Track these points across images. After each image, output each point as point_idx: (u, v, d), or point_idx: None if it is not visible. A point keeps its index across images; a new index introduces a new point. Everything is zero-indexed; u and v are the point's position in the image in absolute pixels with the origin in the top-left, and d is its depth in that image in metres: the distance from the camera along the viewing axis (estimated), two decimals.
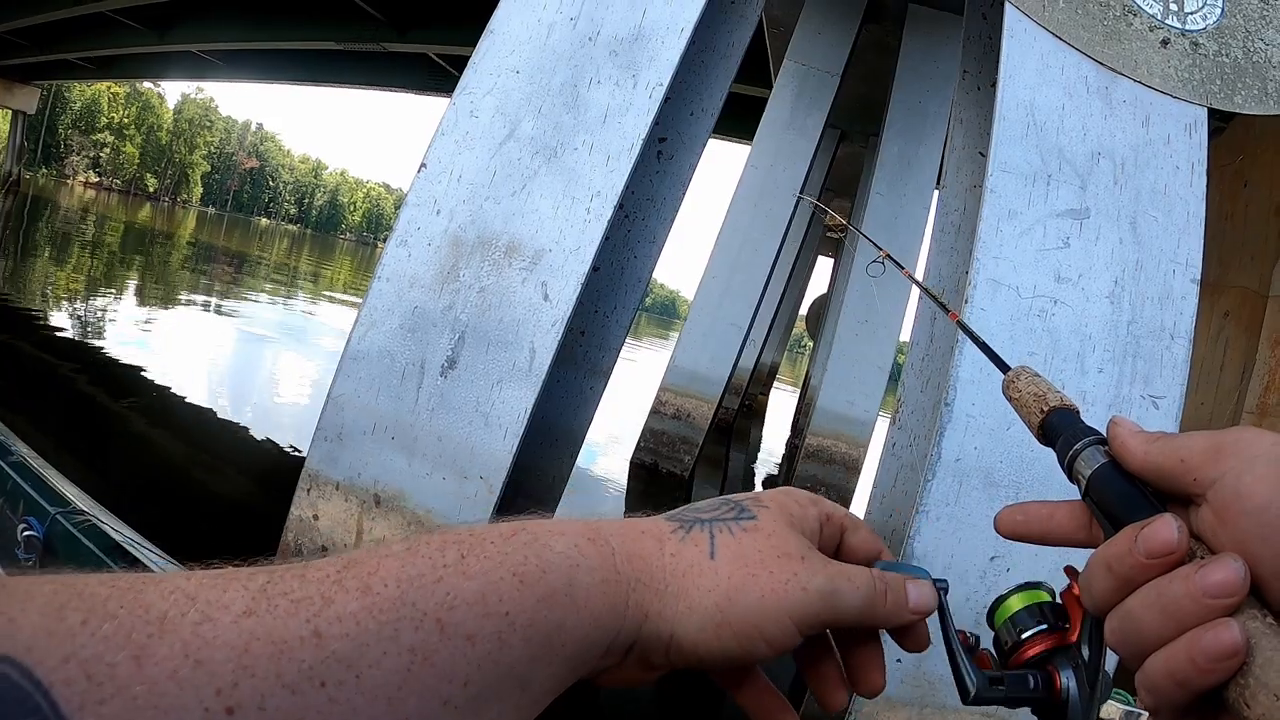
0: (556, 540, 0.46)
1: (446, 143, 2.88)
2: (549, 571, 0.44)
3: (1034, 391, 0.56)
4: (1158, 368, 2.56)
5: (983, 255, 2.59)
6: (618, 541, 0.49)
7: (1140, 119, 2.71)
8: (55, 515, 2.59)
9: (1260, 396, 6.29)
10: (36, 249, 18.46)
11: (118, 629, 0.31)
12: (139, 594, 0.33)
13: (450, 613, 0.39)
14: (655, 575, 0.48)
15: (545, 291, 2.71)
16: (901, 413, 3.46)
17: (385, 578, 0.39)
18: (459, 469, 2.68)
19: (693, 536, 0.50)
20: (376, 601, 0.38)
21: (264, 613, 0.35)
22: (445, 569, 0.41)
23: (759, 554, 0.48)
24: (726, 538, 0.49)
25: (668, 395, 9.40)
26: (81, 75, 38.08)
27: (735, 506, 0.52)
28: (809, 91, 9.21)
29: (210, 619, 0.33)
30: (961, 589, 2.43)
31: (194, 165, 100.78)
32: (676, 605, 0.47)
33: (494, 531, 0.45)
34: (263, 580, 0.37)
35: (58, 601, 0.31)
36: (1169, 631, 0.40)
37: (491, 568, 0.42)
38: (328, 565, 0.39)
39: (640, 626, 0.46)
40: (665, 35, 2.85)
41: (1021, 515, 0.53)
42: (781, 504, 0.53)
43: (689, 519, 0.51)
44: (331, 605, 0.37)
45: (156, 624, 0.32)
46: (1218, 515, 0.42)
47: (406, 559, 0.41)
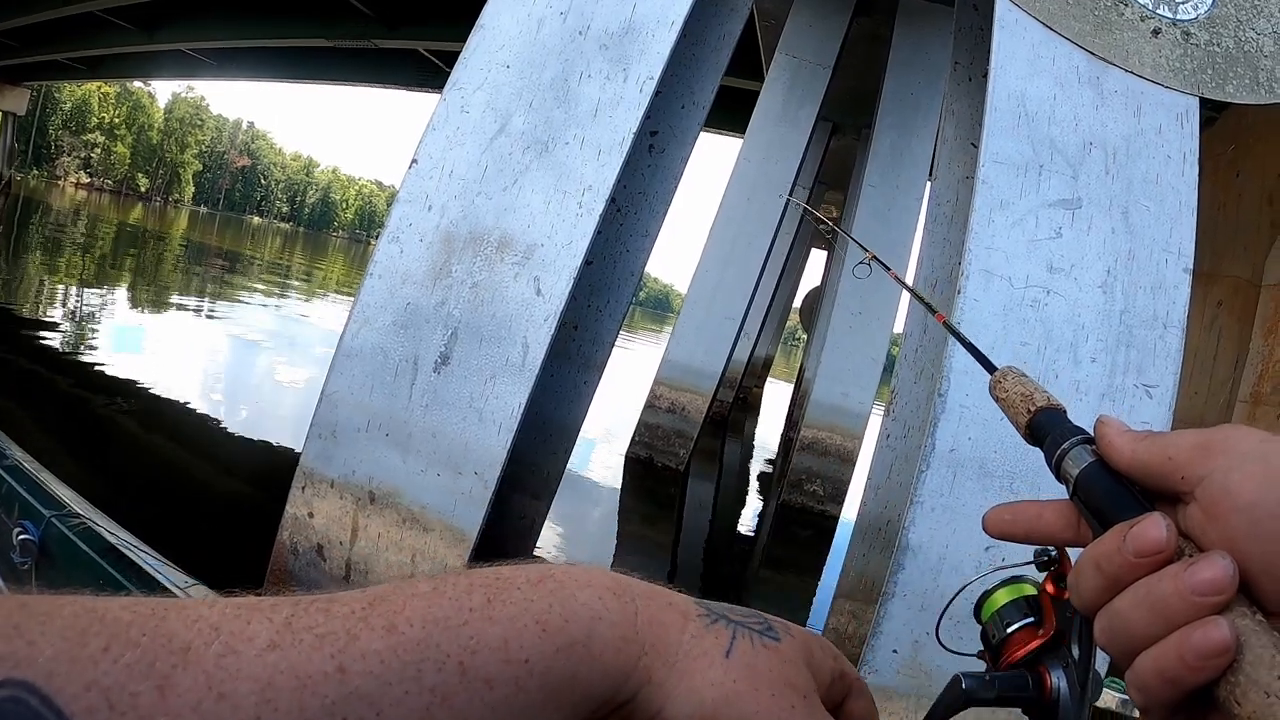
0: (582, 591, 0.47)
1: (438, 138, 2.87)
2: (571, 621, 0.44)
3: (1020, 391, 0.56)
4: (1151, 357, 2.56)
5: (975, 246, 2.59)
6: (643, 603, 0.49)
7: (1132, 109, 2.71)
8: (50, 518, 2.58)
9: (1254, 385, 6.31)
10: (28, 251, 18.39)
11: (140, 657, 0.31)
12: (162, 621, 0.33)
13: (473, 657, 0.40)
14: (670, 648, 0.48)
15: (538, 286, 2.71)
16: (895, 404, 3.46)
17: (411, 618, 0.40)
18: (453, 465, 2.68)
19: (716, 629, 0.50)
20: (401, 641, 0.38)
21: (289, 646, 0.35)
22: (471, 613, 0.41)
23: (770, 673, 0.48)
24: (746, 645, 0.49)
25: (662, 389, 9.40)
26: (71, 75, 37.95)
27: (764, 622, 0.52)
28: (801, 84, 9.21)
29: (234, 651, 0.34)
30: (956, 580, 2.43)
31: (185, 164, 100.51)
32: (679, 684, 0.47)
33: (520, 576, 0.46)
34: (287, 613, 0.37)
35: (79, 625, 0.31)
36: (1158, 630, 0.40)
37: (516, 614, 0.43)
38: (353, 601, 0.39)
39: (639, 690, 0.47)
40: (655, 29, 2.84)
41: (1010, 515, 0.53)
42: (806, 641, 0.52)
43: (718, 613, 0.52)
44: (356, 642, 0.37)
45: (180, 654, 0.32)
46: (1206, 513, 0.42)
47: (433, 599, 0.41)
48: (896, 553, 2.48)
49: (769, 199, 9.30)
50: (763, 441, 15.62)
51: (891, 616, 2.45)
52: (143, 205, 73.28)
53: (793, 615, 2.81)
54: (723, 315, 9.47)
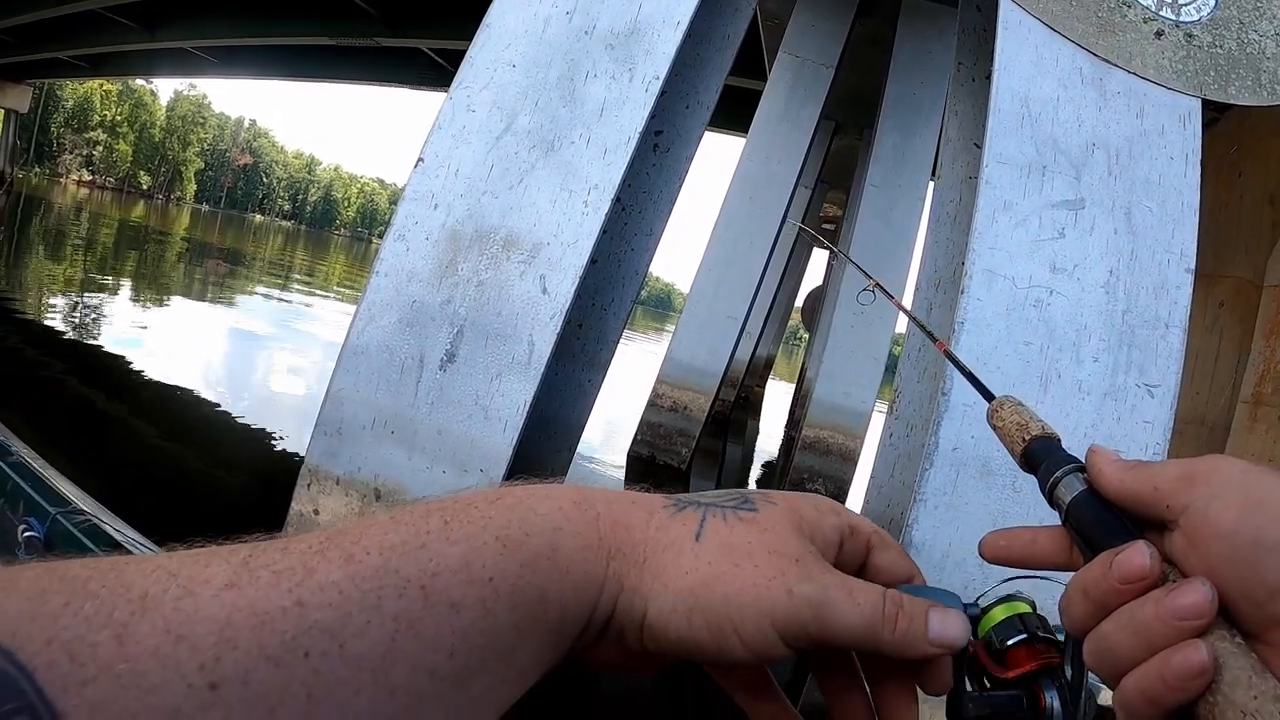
0: (540, 504, 0.46)
1: (443, 137, 2.88)
2: (532, 535, 0.43)
3: (1016, 421, 0.58)
4: (1153, 357, 2.57)
5: (979, 246, 2.60)
6: (604, 507, 0.48)
7: (1135, 110, 2.72)
8: (56, 515, 2.58)
9: (1255, 386, 6.30)
10: (31, 248, 18.41)
11: (99, 609, 0.31)
12: (120, 573, 0.34)
13: (434, 579, 0.39)
14: (636, 546, 0.47)
15: (543, 285, 2.72)
16: (898, 403, 3.47)
17: (368, 546, 0.39)
18: (459, 462, 2.69)
19: (683, 515, 0.48)
20: (359, 570, 0.37)
21: (245, 585, 0.35)
22: (429, 535, 0.41)
23: (747, 545, 0.46)
24: (718, 523, 0.48)
25: (664, 388, 9.41)
26: (74, 73, 38.00)
27: (740, 497, 0.50)
28: (804, 84, 9.21)
29: (191, 593, 0.34)
30: (959, 577, 2.45)
31: (187, 162, 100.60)
32: (652, 581, 0.46)
33: (479, 497, 0.45)
34: (245, 554, 0.37)
35: (40, 586, 0.32)
36: (1141, 653, 0.41)
37: (475, 533, 0.42)
38: (311, 538, 0.39)
39: (617, 598, 0.46)
40: (661, 29, 2.85)
41: (1005, 541, 0.55)
42: (793, 505, 0.50)
43: (687, 500, 0.50)
44: (314, 575, 0.36)
45: (138, 602, 0.32)
46: (1189, 540, 0.44)
47: (390, 527, 0.41)
48: None
49: (771, 198, 9.30)
50: (764, 441, 15.63)
51: None
52: (145, 203, 73.27)
53: None
54: (725, 314, 9.47)
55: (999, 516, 2.45)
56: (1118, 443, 2.52)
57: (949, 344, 2.57)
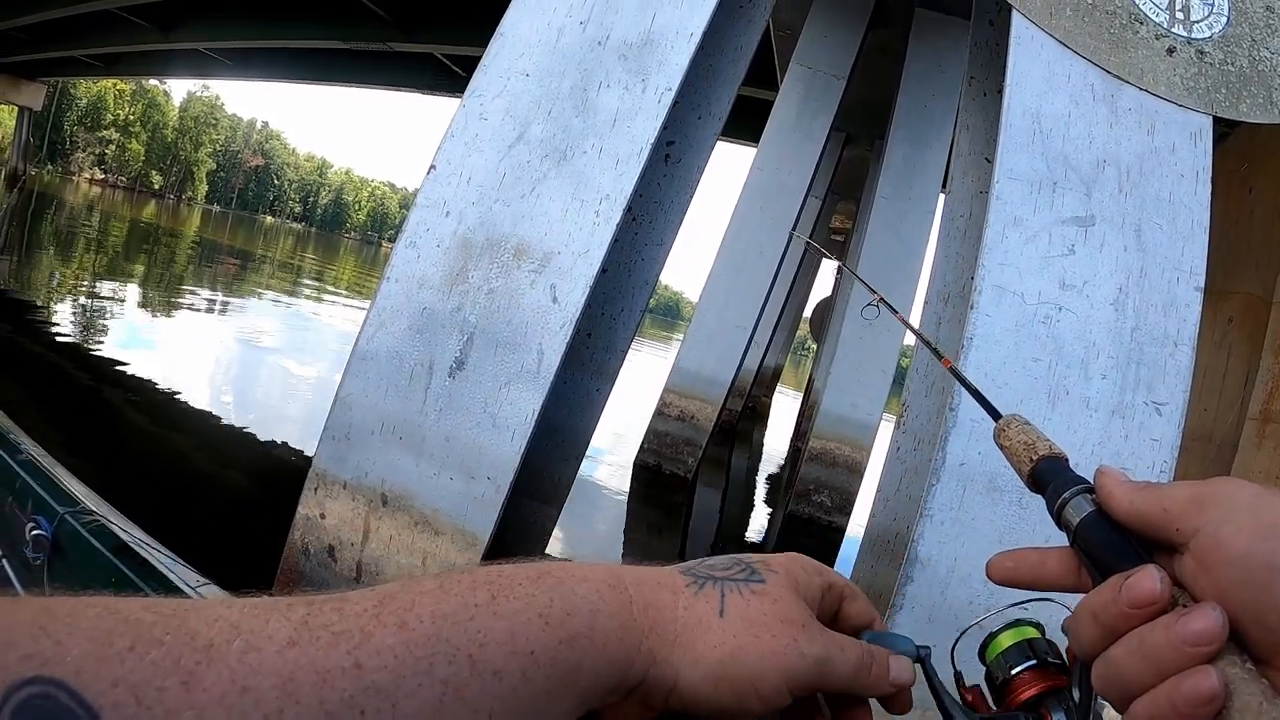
0: (580, 586, 0.49)
1: (456, 145, 2.89)
2: (573, 615, 0.47)
3: (1024, 440, 0.58)
4: (1161, 374, 2.57)
5: (988, 261, 2.60)
6: (636, 591, 0.52)
7: (1146, 127, 2.72)
8: (64, 515, 2.59)
9: (1263, 403, 6.28)
10: (43, 245, 18.48)
11: (165, 654, 0.33)
12: (184, 620, 0.35)
13: (481, 649, 0.42)
14: (668, 625, 0.51)
15: (553, 294, 2.72)
16: (906, 417, 3.46)
17: (421, 614, 0.42)
18: (466, 469, 2.70)
19: (705, 593, 0.53)
20: (413, 636, 0.40)
21: (307, 643, 0.37)
22: (477, 608, 0.44)
23: (764, 617, 0.51)
24: (736, 598, 0.52)
25: (672, 397, 9.40)
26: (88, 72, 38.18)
27: (746, 568, 0.55)
28: (815, 95, 9.22)
29: (255, 648, 0.35)
30: (964, 592, 2.45)
31: (199, 163, 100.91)
32: (684, 655, 0.50)
33: (522, 574, 0.48)
34: (303, 612, 0.39)
35: (104, 626, 0.33)
36: (1151, 678, 0.42)
37: (520, 609, 0.45)
38: (364, 600, 0.42)
39: (648, 671, 0.49)
40: (674, 40, 2.86)
41: (1012, 562, 0.55)
42: (789, 570, 0.55)
43: (702, 575, 0.54)
44: (371, 639, 0.39)
45: (203, 651, 0.34)
46: (1199, 564, 0.44)
47: (440, 597, 0.43)
48: (905, 565, 2.49)
49: (782, 209, 9.30)
50: (770, 451, 15.59)
51: (899, 628, 2.46)
52: (156, 202, 73.54)
53: None
54: (733, 324, 9.47)
55: (1005, 533, 2.45)
56: (1124, 460, 2.52)
57: (957, 359, 2.57)
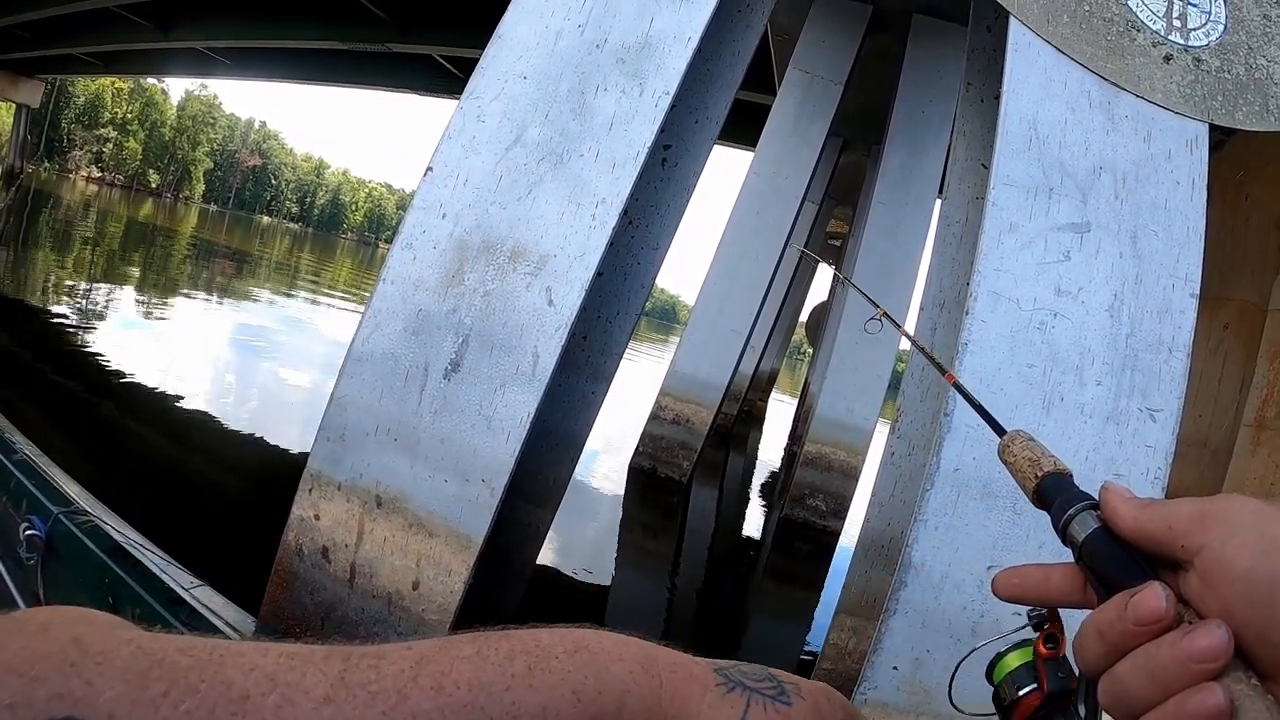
0: (615, 665, 0.49)
1: (453, 147, 2.89)
2: (604, 693, 0.47)
3: (1028, 456, 0.58)
4: (1156, 381, 2.57)
5: (984, 267, 2.60)
6: (668, 678, 0.52)
7: (1142, 134, 2.73)
8: (58, 515, 2.58)
9: (1258, 410, 6.29)
10: (39, 243, 18.45)
11: (200, 704, 0.33)
12: (219, 669, 0.35)
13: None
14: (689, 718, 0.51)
15: (549, 296, 2.72)
16: (901, 422, 3.47)
17: (458, 681, 0.42)
18: (461, 472, 2.69)
19: (731, 698, 0.52)
20: (449, 703, 0.41)
21: (343, 701, 0.37)
22: (513, 679, 0.44)
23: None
24: (759, 712, 0.52)
25: (667, 400, 9.41)
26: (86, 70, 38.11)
27: (777, 685, 0.54)
28: (812, 99, 9.23)
29: (291, 702, 0.35)
30: (958, 599, 2.44)
31: (197, 162, 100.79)
32: None
33: (558, 646, 0.49)
34: (339, 668, 0.39)
35: (138, 668, 0.33)
36: (1157, 695, 0.42)
37: (555, 684, 0.46)
38: (400, 659, 0.42)
39: None
40: (672, 44, 2.86)
41: (1018, 579, 0.55)
42: (817, 703, 0.54)
43: (734, 679, 0.54)
44: (407, 701, 0.39)
45: (239, 703, 0.34)
46: (1204, 580, 0.44)
47: (478, 664, 0.44)
48: (899, 570, 2.48)
49: (778, 213, 9.31)
50: (765, 455, 15.60)
51: (893, 633, 2.46)
52: (153, 201, 73.47)
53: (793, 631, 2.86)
54: (729, 328, 9.48)
55: (999, 539, 2.45)
56: (1119, 466, 2.52)
57: (952, 365, 2.57)
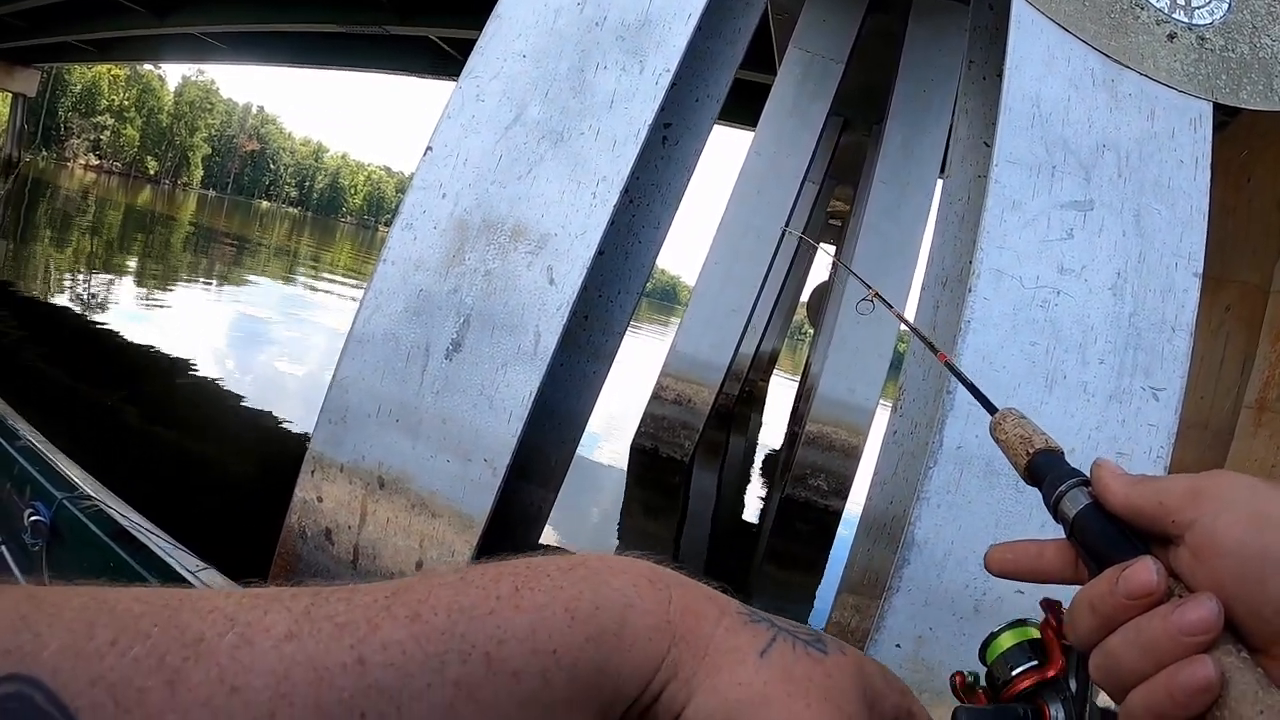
0: (615, 577, 0.44)
1: (453, 126, 2.88)
2: (602, 609, 0.42)
3: (1020, 434, 0.58)
4: (1159, 360, 2.57)
5: (987, 245, 2.60)
6: (678, 592, 0.45)
7: (1145, 112, 2.71)
8: (62, 500, 2.58)
9: (1260, 391, 6.29)
10: (37, 231, 18.42)
11: (150, 650, 0.30)
12: (175, 613, 0.32)
13: (500, 647, 0.38)
14: (701, 638, 0.44)
15: (550, 275, 2.72)
16: (903, 400, 3.46)
17: (436, 606, 0.38)
18: (463, 451, 2.69)
19: (754, 628, 0.45)
20: (425, 630, 0.36)
21: (306, 636, 0.33)
22: (498, 601, 0.39)
23: (807, 682, 0.43)
24: (785, 649, 0.45)
25: (669, 380, 9.41)
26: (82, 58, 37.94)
27: (816, 635, 0.47)
28: (813, 79, 9.20)
29: (249, 642, 0.32)
30: (961, 576, 2.45)
31: (195, 148, 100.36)
32: (705, 680, 0.43)
33: (552, 564, 0.43)
34: (306, 602, 0.35)
35: (87, 617, 0.30)
36: (1148, 668, 0.42)
37: (545, 602, 0.40)
38: (377, 590, 0.38)
39: (666, 685, 0.43)
40: (672, 21, 2.84)
41: (1010, 554, 0.54)
42: (863, 665, 0.47)
43: (762, 616, 0.47)
44: (378, 631, 0.35)
45: (192, 646, 0.31)
46: (1195, 556, 0.44)
47: (459, 587, 0.39)
48: (902, 548, 2.49)
49: (779, 193, 9.29)
50: (766, 435, 15.62)
51: (895, 611, 2.46)
52: (151, 188, 73.28)
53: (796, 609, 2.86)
54: (730, 308, 9.48)
55: (1002, 516, 2.45)
56: (1121, 445, 2.52)
57: (954, 343, 2.57)
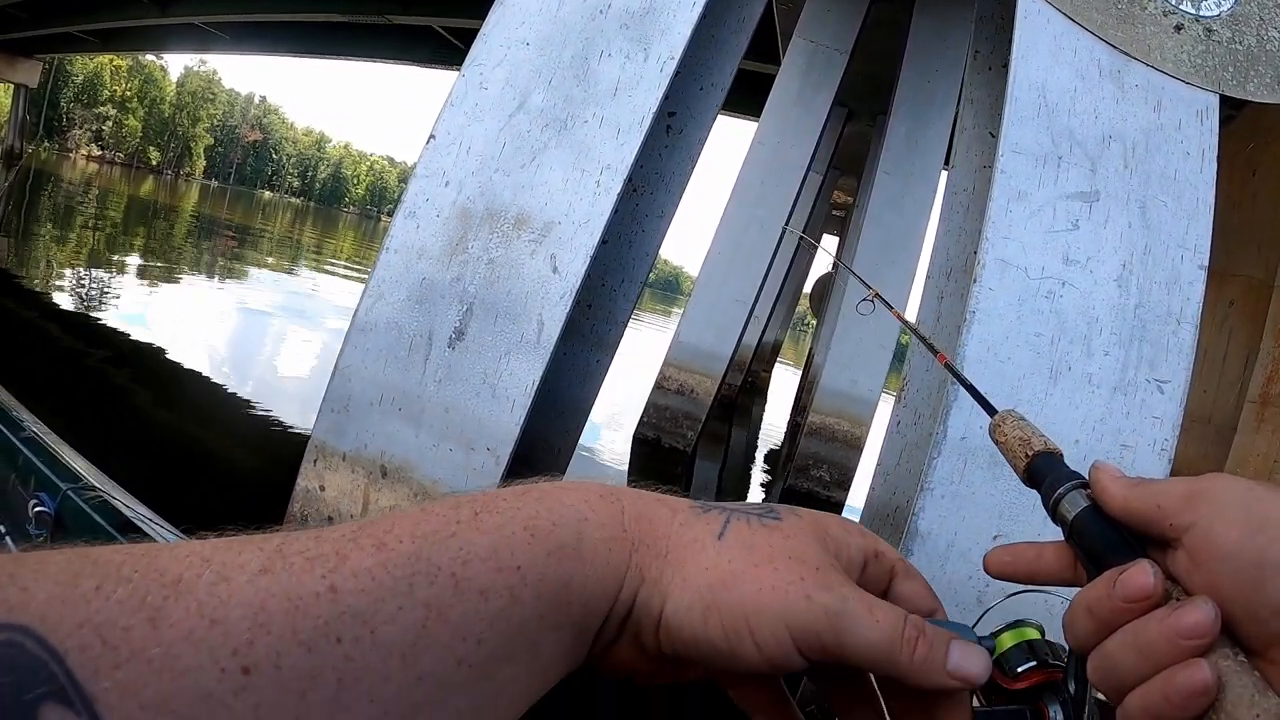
0: (567, 495, 0.46)
1: (456, 114, 2.87)
2: (559, 525, 0.44)
3: (1019, 436, 0.58)
4: (1164, 352, 2.56)
5: (993, 235, 2.59)
6: (629, 502, 0.48)
7: (1152, 104, 2.70)
8: (67, 491, 2.59)
9: (1263, 386, 6.30)
10: (41, 223, 18.43)
11: (132, 593, 0.32)
12: (153, 559, 0.34)
13: (464, 567, 0.39)
14: (659, 539, 0.47)
15: (554, 264, 2.71)
16: (907, 391, 3.46)
17: (400, 534, 0.39)
18: (466, 440, 2.69)
19: (708, 516, 0.48)
20: (391, 557, 0.38)
21: (279, 570, 0.35)
22: (459, 525, 0.41)
23: (769, 548, 0.46)
24: (741, 526, 0.47)
25: (671, 371, 9.42)
26: (84, 48, 37.88)
27: (766, 508, 0.49)
28: (817, 69, 9.18)
29: (225, 579, 0.34)
30: (964, 568, 2.45)
31: (197, 138, 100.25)
32: (673, 575, 0.45)
33: (508, 491, 0.46)
34: (278, 541, 0.37)
35: (71, 570, 0.32)
36: (1145, 671, 0.42)
37: (504, 522, 0.42)
38: (344, 527, 0.40)
39: (637, 591, 0.45)
40: (677, 8, 2.83)
41: (1010, 556, 0.54)
42: (819, 520, 0.49)
43: (712, 505, 0.50)
44: (347, 561, 0.37)
45: (171, 586, 0.32)
46: (1192, 559, 0.44)
47: (421, 518, 0.41)
48: (905, 538, 2.49)
49: (782, 184, 9.28)
50: (769, 426, 15.63)
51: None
52: (154, 178, 73.35)
53: None
54: (733, 299, 9.48)
55: (1005, 507, 2.45)
56: (1126, 437, 2.51)
57: (959, 333, 2.56)
